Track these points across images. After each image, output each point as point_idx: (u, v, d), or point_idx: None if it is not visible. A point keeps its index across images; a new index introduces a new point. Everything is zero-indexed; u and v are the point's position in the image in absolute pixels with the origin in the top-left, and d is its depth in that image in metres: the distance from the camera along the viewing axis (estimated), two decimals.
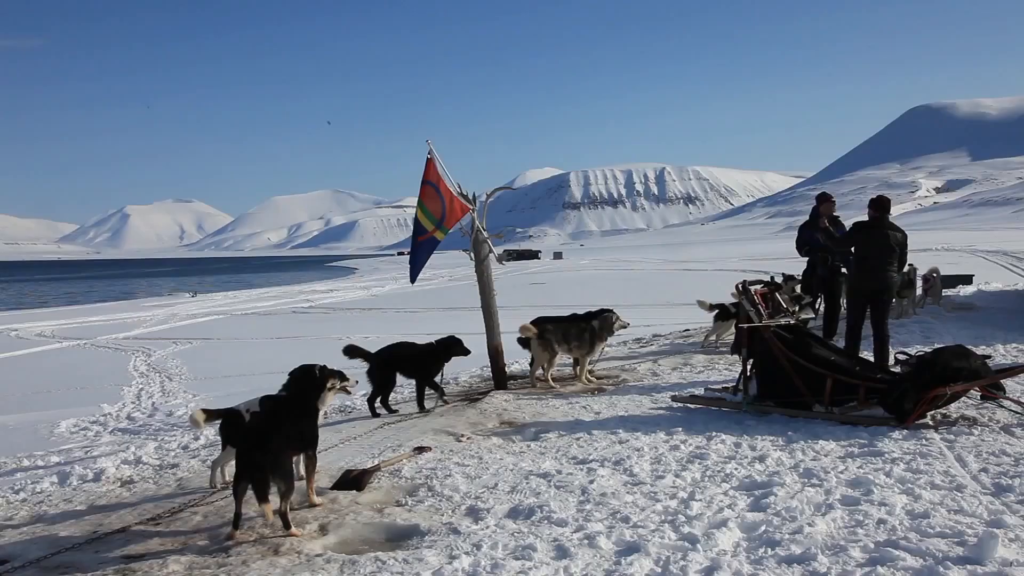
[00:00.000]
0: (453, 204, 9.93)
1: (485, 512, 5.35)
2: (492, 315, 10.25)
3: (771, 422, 7.62)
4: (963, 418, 7.33)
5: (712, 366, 11.09)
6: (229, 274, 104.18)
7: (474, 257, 10.28)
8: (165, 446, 8.08)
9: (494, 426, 8.01)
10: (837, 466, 6.02)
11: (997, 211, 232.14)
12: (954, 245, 48.36)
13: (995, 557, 4.15)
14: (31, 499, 6.40)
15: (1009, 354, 10.61)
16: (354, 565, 4.53)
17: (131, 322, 25.94)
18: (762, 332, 8.11)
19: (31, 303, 48.11)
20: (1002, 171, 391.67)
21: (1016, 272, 21.42)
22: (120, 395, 11.93)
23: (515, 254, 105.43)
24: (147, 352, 17.37)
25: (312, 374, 5.95)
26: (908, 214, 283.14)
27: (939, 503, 5.08)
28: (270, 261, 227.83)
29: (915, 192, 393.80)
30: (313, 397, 5.92)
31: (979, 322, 14.16)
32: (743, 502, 5.33)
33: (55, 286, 77.68)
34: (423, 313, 24.59)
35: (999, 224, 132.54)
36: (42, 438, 9.14)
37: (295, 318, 25.50)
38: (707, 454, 6.52)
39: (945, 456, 6.14)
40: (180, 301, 38.48)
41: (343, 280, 63.25)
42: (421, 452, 6.97)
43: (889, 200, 10.22)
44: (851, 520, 4.87)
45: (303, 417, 5.76)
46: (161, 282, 78.32)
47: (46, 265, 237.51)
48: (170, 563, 4.70)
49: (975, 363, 7.21)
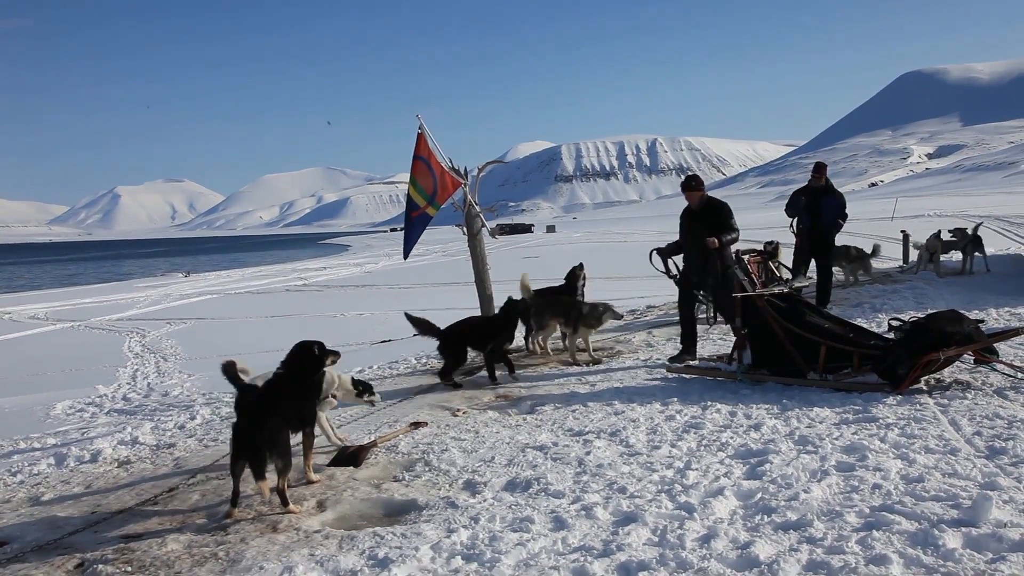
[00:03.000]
0: (444, 179, 9.90)
1: (482, 485, 5.37)
2: (486, 289, 10.25)
3: (766, 390, 7.64)
4: (957, 382, 7.36)
5: (706, 336, 11.11)
6: (222, 253, 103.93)
7: (467, 232, 10.27)
8: (161, 426, 8.09)
9: (490, 400, 8.03)
10: (832, 433, 6.05)
11: (988, 176, 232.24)
12: (946, 211, 48.39)
13: (989, 519, 4.18)
14: (28, 481, 6.40)
15: (1002, 318, 10.64)
16: (352, 541, 4.54)
17: (124, 303, 25.85)
18: (756, 301, 8.12)
19: (23, 286, 47.96)
20: (993, 136, 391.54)
21: (1008, 236, 21.46)
22: (115, 376, 11.90)
23: (508, 228, 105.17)
24: (141, 333, 17.32)
25: (311, 351, 5.94)
26: (900, 180, 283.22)
27: (933, 467, 5.11)
28: (262, 239, 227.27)
29: (907, 158, 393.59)
30: (311, 374, 5.91)
31: (971, 287, 14.20)
32: (739, 470, 5.36)
33: (47, 268, 77.42)
34: (417, 289, 24.56)
35: (990, 189, 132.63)
36: (38, 420, 9.13)
37: (288, 296, 25.44)
38: (702, 423, 6.54)
39: (939, 420, 6.17)
40: (173, 281, 38.34)
41: (336, 257, 63.12)
42: (417, 427, 6.99)
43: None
44: (846, 486, 4.90)
45: (301, 394, 5.76)
46: (154, 262, 78.11)
47: (37, 247, 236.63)
48: (169, 542, 4.72)
49: (968, 328, 7.23)
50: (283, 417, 5.38)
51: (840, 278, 14.94)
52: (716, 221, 9.17)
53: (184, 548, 4.65)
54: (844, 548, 4.02)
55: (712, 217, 9.23)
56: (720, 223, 9.13)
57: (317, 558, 4.34)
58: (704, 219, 9.24)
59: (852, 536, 4.15)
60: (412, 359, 10.93)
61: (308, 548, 4.49)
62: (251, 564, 4.34)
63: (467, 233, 10.27)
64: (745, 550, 4.08)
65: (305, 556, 4.38)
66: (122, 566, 4.45)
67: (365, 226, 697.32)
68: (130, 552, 4.62)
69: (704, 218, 9.27)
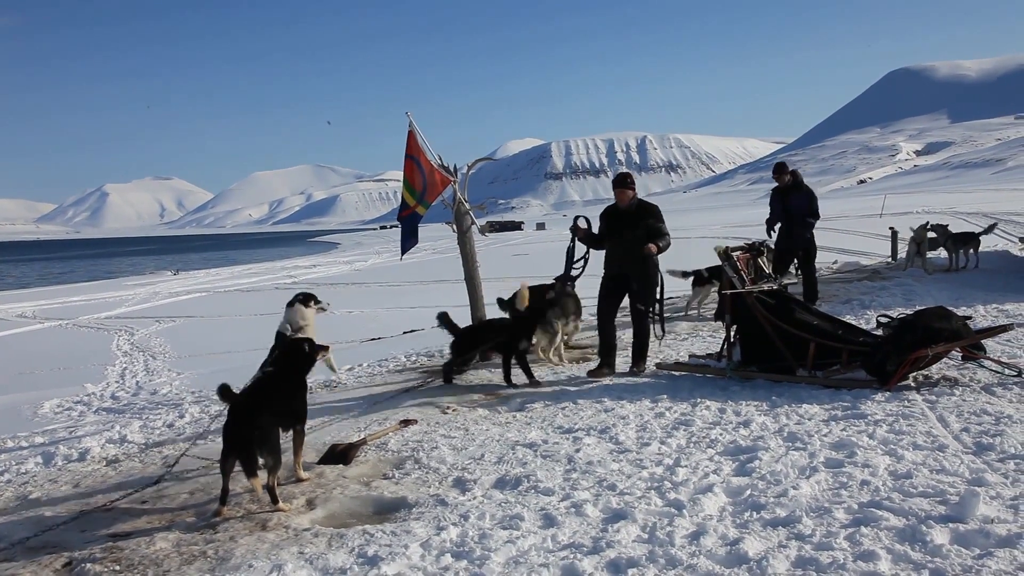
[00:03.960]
0: (434, 176, 9.88)
1: (472, 483, 5.37)
2: (476, 287, 10.24)
3: (755, 387, 7.66)
4: (945, 379, 7.40)
5: (696, 333, 11.14)
6: (211, 251, 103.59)
7: (456, 229, 10.26)
8: (150, 424, 8.06)
9: (479, 397, 8.02)
10: (821, 429, 6.07)
11: (977, 173, 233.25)
12: (935, 208, 48.56)
13: (977, 515, 4.20)
14: (16, 480, 6.38)
15: (989, 315, 10.69)
16: (342, 539, 4.54)
17: (113, 301, 25.76)
18: (745, 298, 8.14)
19: (11, 284, 47.72)
20: (981, 133, 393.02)
21: (996, 234, 21.55)
22: (104, 375, 11.87)
23: (498, 225, 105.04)
24: (130, 331, 17.27)
25: (301, 349, 5.93)
26: (889, 177, 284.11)
27: (921, 463, 5.13)
28: (252, 237, 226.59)
29: (895, 155, 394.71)
30: (302, 371, 5.89)
31: (959, 283, 14.26)
32: (728, 467, 5.37)
33: (35, 266, 77.03)
34: (406, 286, 24.54)
35: (979, 186, 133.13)
36: (25, 419, 9.09)
37: (278, 294, 25.34)
38: (692, 420, 6.56)
39: (927, 417, 6.20)
40: (162, 279, 38.22)
41: (325, 255, 63.02)
42: (407, 425, 6.98)
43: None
44: (835, 482, 4.91)
45: (292, 392, 5.74)
46: (142, 260, 77.81)
47: (25, 246, 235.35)
48: (157, 540, 4.70)
49: (956, 324, 7.27)
50: (274, 413, 5.36)
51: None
52: (649, 225, 8.56)
53: (173, 547, 4.63)
54: (833, 544, 4.03)
55: (643, 220, 8.60)
56: (654, 228, 8.53)
57: (306, 556, 4.33)
58: (635, 222, 8.61)
59: (840, 532, 4.16)
60: (402, 357, 10.93)
61: (297, 546, 4.48)
62: (240, 562, 4.33)
63: (457, 231, 10.26)
64: (734, 547, 4.09)
65: (294, 554, 4.37)
66: (110, 565, 4.43)
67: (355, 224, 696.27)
68: (118, 551, 4.60)
69: (635, 221, 8.62)
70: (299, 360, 5.89)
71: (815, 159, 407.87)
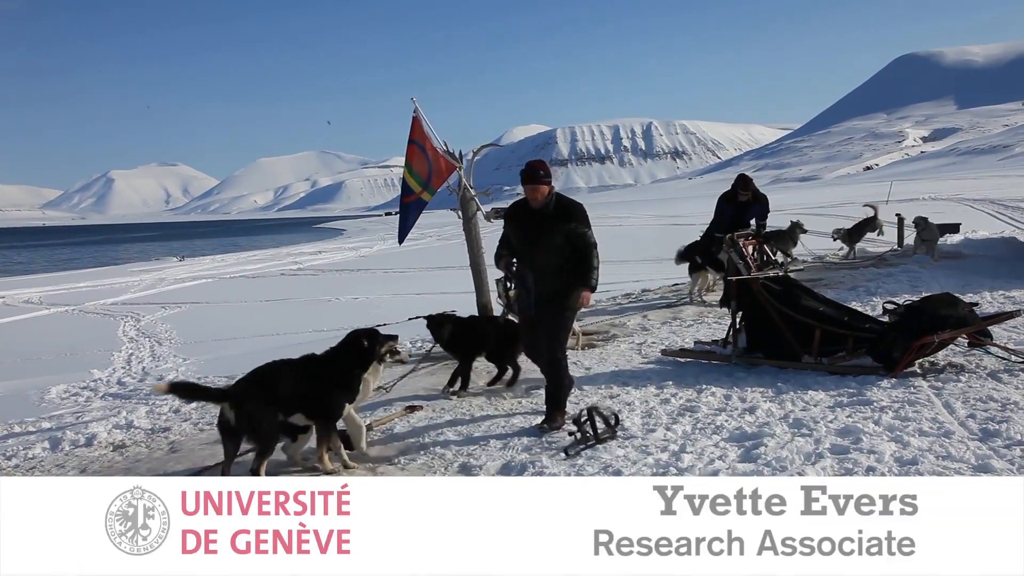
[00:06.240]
0: (439, 163, 9.85)
1: (477, 469, 5.39)
2: (480, 273, 10.22)
3: (761, 374, 7.66)
4: (951, 365, 7.39)
5: (702, 319, 11.12)
6: (216, 237, 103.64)
7: (462, 216, 10.23)
8: (156, 410, 8.08)
9: (484, 384, 8.03)
10: (826, 416, 6.07)
11: (983, 159, 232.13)
12: (941, 194, 48.36)
13: None
14: (23, 465, 6.41)
15: (996, 301, 10.66)
16: None
17: (119, 287, 25.77)
18: (751, 284, 8.12)
19: (17, 270, 47.80)
20: (988, 119, 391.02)
21: (1002, 220, 21.48)
22: (110, 360, 11.89)
23: (503, 212, 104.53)
24: (136, 317, 17.29)
25: (359, 343, 5.73)
26: (895, 164, 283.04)
27: (927, 449, 5.13)
28: (257, 224, 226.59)
29: (902, 142, 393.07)
30: (353, 365, 5.69)
31: (966, 270, 14.19)
32: (734, 453, 5.38)
33: (41, 252, 77.15)
34: (412, 273, 24.52)
35: (985, 172, 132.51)
36: (32, 404, 9.12)
37: (284, 280, 25.39)
38: (697, 407, 6.56)
39: (933, 403, 6.20)
40: (168, 265, 38.23)
41: (331, 241, 62.95)
42: (413, 411, 7.00)
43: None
44: (840, 468, 4.92)
45: (329, 385, 5.55)
46: (148, 246, 77.87)
47: (31, 232, 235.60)
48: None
49: (962, 311, 7.26)
50: (274, 402, 5.30)
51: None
52: (571, 231, 6.28)
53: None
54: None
55: (563, 223, 6.30)
56: (576, 234, 6.28)
57: None
58: (551, 226, 6.29)
59: None
60: (408, 343, 10.92)
61: None
62: None
63: (462, 217, 10.23)
64: None
65: None
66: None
67: (360, 210, 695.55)
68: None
69: (552, 224, 6.30)
70: (352, 354, 5.71)
71: (821, 145, 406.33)
